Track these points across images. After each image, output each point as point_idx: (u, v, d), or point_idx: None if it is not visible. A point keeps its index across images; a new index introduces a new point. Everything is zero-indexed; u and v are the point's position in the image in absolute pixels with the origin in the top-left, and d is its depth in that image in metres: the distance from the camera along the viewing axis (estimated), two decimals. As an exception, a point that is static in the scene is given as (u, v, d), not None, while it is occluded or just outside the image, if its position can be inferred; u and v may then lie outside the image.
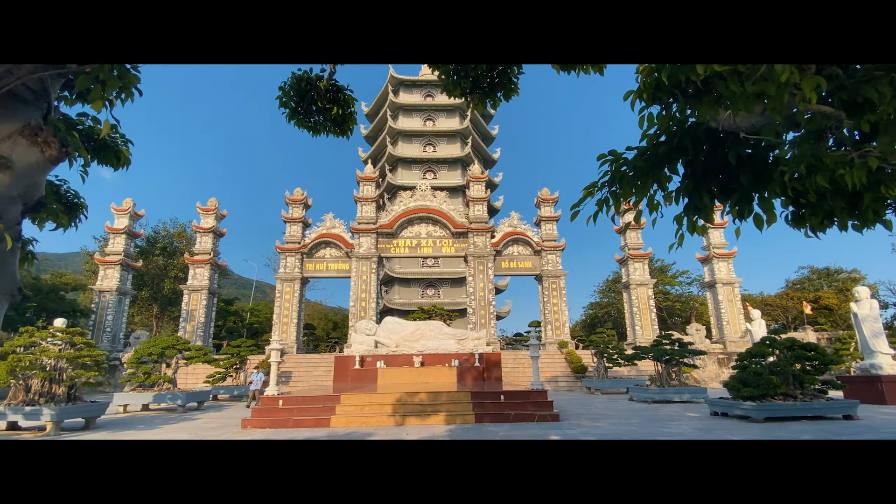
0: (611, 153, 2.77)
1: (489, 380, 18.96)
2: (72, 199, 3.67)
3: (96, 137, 3.32)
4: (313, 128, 4.02)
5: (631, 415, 13.29)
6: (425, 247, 32.74)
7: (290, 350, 29.81)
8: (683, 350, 17.25)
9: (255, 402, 17.07)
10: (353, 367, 18.88)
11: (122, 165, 3.54)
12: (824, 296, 41.66)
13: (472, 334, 21.43)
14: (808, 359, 12.82)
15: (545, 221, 33.36)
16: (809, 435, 9.45)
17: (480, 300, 31.05)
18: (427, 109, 53.37)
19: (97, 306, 29.84)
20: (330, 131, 4.05)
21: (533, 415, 11.82)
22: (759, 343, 13.57)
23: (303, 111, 3.94)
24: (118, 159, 3.44)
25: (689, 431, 10.13)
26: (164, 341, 17.92)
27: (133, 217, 32.43)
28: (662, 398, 16.59)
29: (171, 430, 11.76)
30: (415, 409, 12.17)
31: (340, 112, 3.99)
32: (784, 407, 11.61)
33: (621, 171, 2.65)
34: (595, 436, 9.63)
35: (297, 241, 32.37)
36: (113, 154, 3.38)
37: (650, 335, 31.18)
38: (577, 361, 25.69)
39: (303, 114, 3.96)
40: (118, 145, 3.46)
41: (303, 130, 4.08)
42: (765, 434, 9.61)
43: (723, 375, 28.57)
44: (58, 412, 11.52)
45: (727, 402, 12.55)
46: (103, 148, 3.35)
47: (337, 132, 4.05)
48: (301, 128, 4.02)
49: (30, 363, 12.22)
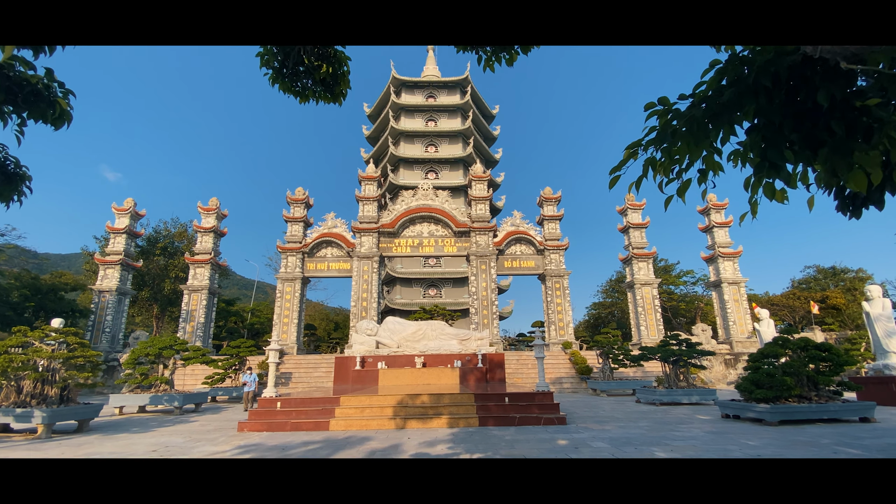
0: (660, 101, 2.30)
1: (492, 381, 18.58)
2: (11, 169, 3.13)
3: (24, 84, 2.80)
4: (300, 93, 3.55)
5: (639, 417, 12.89)
6: (427, 246, 32.40)
7: (291, 351, 29.50)
8: (692, 350, 16.83)
9: (252, 404, 16.73)
10: (354, 368, 18.53)
11: (63, 123, 3.01)
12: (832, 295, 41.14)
13: (475, 334, 21.05)
14: (823, 359, 12.41)
15: (548, 220, 32.99)
16: (829, 439, 9.04)
17: (483, 300, 30.68)
18: (429, 110, 53.19)
19: (96, 306, 29.57)
20: (320, 97, 3.60)
21: (539, 418, 11.44)
22: (772, 343, 13.16)
23: (288, 72, 3.48)
24: (57, 114, 2.92)
25: (701, 435, 9.73)
26: (162, 342, 17.59)
27: (134, 217, 32.18)
28: (671, 400, 16.18)
29: (165, 433, 11.42)
30: (416, 412, 11.81)
31: (331, 71, 3.51)
32: (799, 409, 11.20)
33: (672, 126, 2.20)
34: (604, 440, 9.24)
35: (298, 241, 32.09)
36: (47, 105, 2.87)
37: (655, 335, 30.76)
38: (581, 362, 25.28)
39: (288, 76, 3.50)
40: (54, 95, 2.93)
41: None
42: (781, 438, 9.21)
43: (730, 376, 28.13)
44: (49, 414, 11.20)
45: (739, 404, 12.14)
46: (35, 98, 2.84)
47: (328, 97, 3.60)
48: (286, 93, 3.56)
49: (21, 363, 11.90)
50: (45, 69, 2.74)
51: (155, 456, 8.44)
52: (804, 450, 7.99)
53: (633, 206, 34.04)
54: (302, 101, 3.60)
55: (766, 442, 8.80)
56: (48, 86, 2.91)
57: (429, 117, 53.28)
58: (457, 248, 32.40)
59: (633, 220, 33.63)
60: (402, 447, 8.73)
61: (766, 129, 2.02)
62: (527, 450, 8.25)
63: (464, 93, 54.19)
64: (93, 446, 9.66)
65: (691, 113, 2.11)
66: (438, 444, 9.05)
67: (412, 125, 52.27)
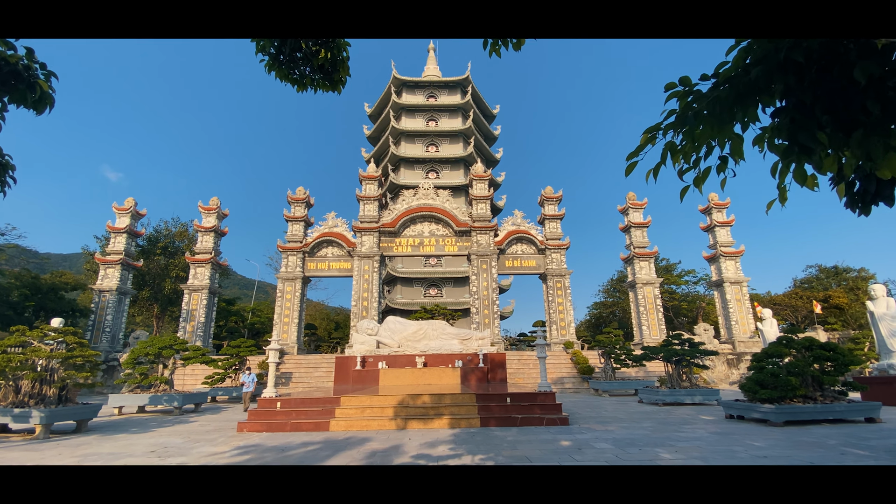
0: (682, 82, 2.17)
1: (494, 381, 18.46)
2: None
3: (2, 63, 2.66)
4: (298, 81, 3.42)
5: (642, 418, 12.77)
6: (428, 245, 32.29)
7: (291, 350, 29.41)
8: (695, 350, 16.70)
9: (253, 404, 16.64)
10: (355, 367, 18.41)
11: (45, 107, 2.83)
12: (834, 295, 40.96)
13: (476, 334, 20.92)
14: (828, 359, 12.28)
15: (549, 220, 32.88)
16: (835, 440, 8.92)
17: (484, 299, 30.56)
18: (430, 110, 53.16)
19: (97, 306, 29.50)
20: (319, 86, 3.48)
21: (541, 418, 11.33)
22: (776, 343, 13.04)
23: (285, 58, 3.35)
24: (37, 97, 2.75)
25: (705, 436, 9.62)
26: (161, 341, 17.49)
27: (135, 216, 32.12)
28: (673, 400, 16.06)
29: (164, 434, 11.33)
30: (417, 412, 11.70)
31: (329, 56, 3.37)
32: (804, 410, 11.08)
33: (693, 108, 2.07)
34: (608, 441, 9.13)
35: (298, 240, 32.00)
36: (27, 87, 2.71)
37: (657, 335, 30.63)
38: (583, 362, 25.15)
39: (285, 63, 3.37)
40: (35, 76, 2.75)
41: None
42: (787, 439, 9.10)
43: (732, 376, 27.99)
44: (47, 414, 11.12)
45: (743, 404, 12.02)
46: (14, 79, 2.68)
47: (326, 86, 3.48)
48: (283, 80, 3.44)
49: (19, 363, 11.81)
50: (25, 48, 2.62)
51: (153, 457, 8.34)
52: (811, 451, 7.88)
53: (635, 206, 33.90)
54: (299, 90, 3.48)
55: (772, 443, 8.68)
56: (28, 66, 2.76)
57: (429, 117, 53.25)
58: (458, 247, 32.30)
59: (634, 220, 33.49)
60: (404, 448, 8.63)
61: (795, 110, 1.90)
62: (529, 451, 8.15)
63: (464, 92, 54.10)
64: (90, 447, 9.56)
65: (715, 94, 1.98)
66: (440, 444, 8.94)
67: (413, 125, 52.22)
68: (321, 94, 4.00)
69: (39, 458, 8.34)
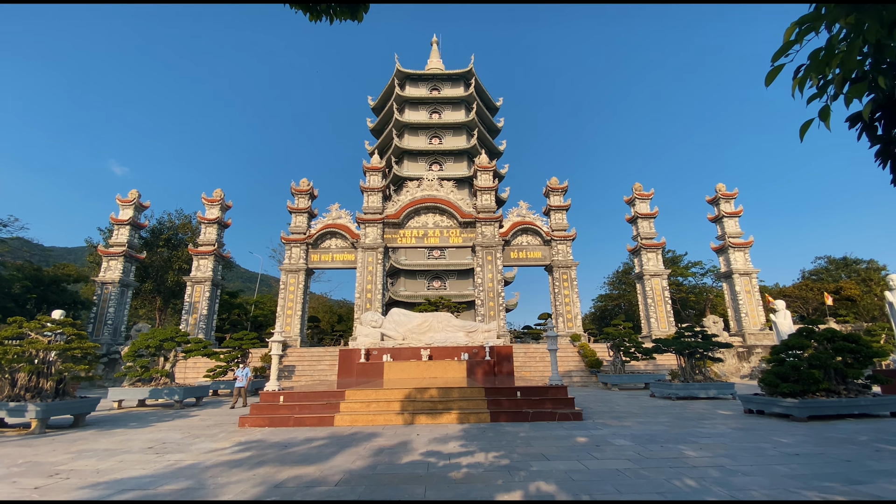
0: None
1: (500, 374, 18.06)
2: None
3: None
4: (312, 8, 2.95)
5: (657, 413, 12.34)
6: (432, 237, 31.82)
7: (294, 343, 29.12)
8: (708, 343, 16.23)
9: (240, 401, 16.26)
10: (359, 360, 18.04)
11: None
12: (846, 286, 40.30)
13: (482, 326, 20.50)
14: (851, 351, 11.80)
15: (554, 210, 32.38)
16: (866, 436, 8.46)
17: (489, 291, 30.13)
18: (433, 102, 52.55)
19: (99, 298, 29.24)
20: (336, 15, 2.97)
21: (553, 413, 10.91)
22: (797, 334, 12.55)
23: None
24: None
25: (727, 432, 9.17)
26: (163, 333, 17.14)
27: (138, 208, 31.79)
28: (687, 394, 15.61)
29: (163, 429, 10.98)
30: (425, 407, 11.31)
31: None
32: (829, 404, 10.61)
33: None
34: (626, 437, 8.70)
35: (302, 232, 31.62)
36: None
37: (666, 327, 30.17)
38: (591, 355, 24.72)
39: None
40: None
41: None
42: (815, 435, 8.64)
43: (743, 369, 27.53)
44: (44, 408, 10.78)
45: (763, 398, 11.57)
46: None
47: (346, 13, 2.97)
48: (296, 7, 2.98)
49: (15, 355, 11.47)
50: None
51: (151, 453, 7.97)
52: (843, 448, 7.42)
53: (641, 196, 33.31)
54: (313, 19, 2.98)
55: (800, 439, 8.23)
56: None
57: (433, 109, 52.63)
58: (462, 238, 31.82)
59: (641, 210, 32.92)
60: (412, 444, 8.23)
61: None
62: (545, 448, 7.73)
63: (468, 85, 53.40)
64: (86, 443, 9.21)
65: None
66: (450, 441, 8.54)
67: (416, 117, 51.63)
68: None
69: (33, 454, 7.99)
